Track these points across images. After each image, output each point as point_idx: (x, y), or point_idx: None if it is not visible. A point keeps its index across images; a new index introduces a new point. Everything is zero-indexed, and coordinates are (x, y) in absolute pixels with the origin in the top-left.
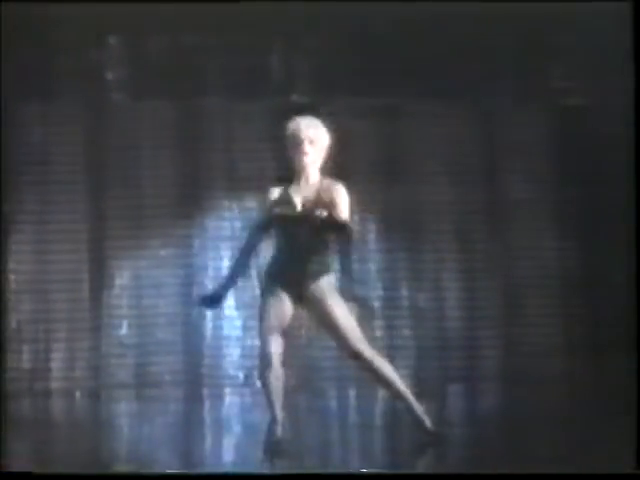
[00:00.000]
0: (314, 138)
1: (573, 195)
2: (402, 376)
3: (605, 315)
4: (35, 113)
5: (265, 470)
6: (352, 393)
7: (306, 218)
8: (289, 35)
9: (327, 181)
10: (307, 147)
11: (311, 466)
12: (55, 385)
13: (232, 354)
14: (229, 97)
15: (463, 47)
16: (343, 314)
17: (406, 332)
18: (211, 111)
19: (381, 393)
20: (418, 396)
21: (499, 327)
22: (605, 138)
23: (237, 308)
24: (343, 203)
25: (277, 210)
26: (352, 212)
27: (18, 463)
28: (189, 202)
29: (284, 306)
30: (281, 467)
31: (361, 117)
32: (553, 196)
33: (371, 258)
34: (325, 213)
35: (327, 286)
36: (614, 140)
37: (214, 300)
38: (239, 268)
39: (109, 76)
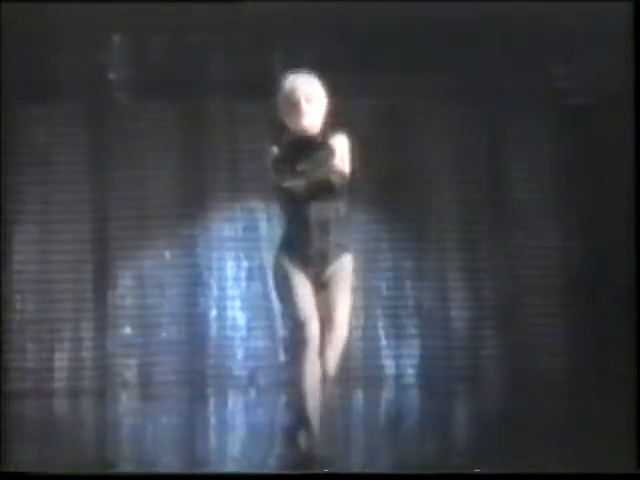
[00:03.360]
0: (311, 94)
1: (576, 195)
2: (407, 375)
3: (608, 315)
4: (38, 113)
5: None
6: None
7: (315, 187)
8: (292, 35)
9: (327, 137)
10: (304, 106)
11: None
12: (59, 385)
13: (236, 354)
14: (232, 97)
15: (465, 47)
16: (345, 304)
17: (411, 331)
18: (214, 111)
19: None
20: (423, 395)
21: (503, 326)
22: (608, 138)
23: (241, 309)
24: (345, 157)
25: (285, 184)
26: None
27: (22, 463)
28: (192, 202)
29: (307, 287)
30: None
31: (363, 117)
32: (556, 196)
33: (376, 258)
34: (334, 177)
35: (347, 268)
36: (617, 140)
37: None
38: None
39: (112, 76)
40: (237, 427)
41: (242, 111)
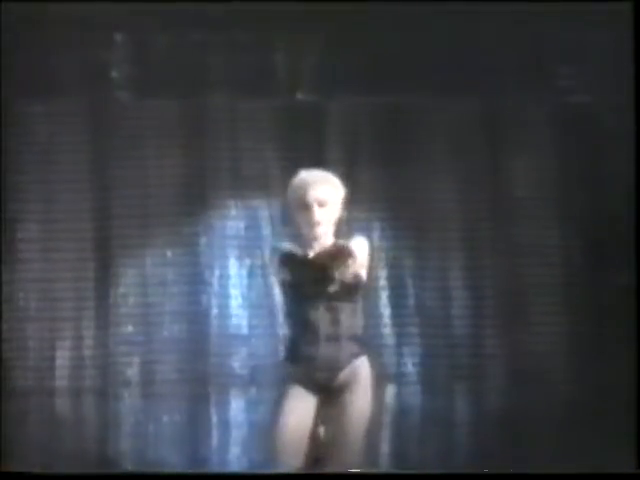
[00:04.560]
0: (325, 199)
1: (577, 194)
2: (408, 374)
3: (608, 315)
4: (39, 112)
5: None
6: None
7: (328, 296)
8: (293, 33)
9: (342, 241)
10: (317, 213)
11: None
12: (61, 383)
13: (238, 352)
14: (234, 95)
15: (466, 46)
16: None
17: (412, 330)
18: (216, 109)
19: None
20: (424, 394)
21: (504, 326)
22: (608, 137)
23: (243, 307)
24: (363, 261)
25: (293, 289)
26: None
27: (24, 462)
28: (194, 200)
29: (308, 402)
30: None
31: (365, 115)
32: (557, 195)
33: (377, 257)
34: (348, 281)
35: (362, 373)
36: (617, 139)
37: None
38: None
39: (114, 74)
40: (239, 425)
41: (243, 109)
